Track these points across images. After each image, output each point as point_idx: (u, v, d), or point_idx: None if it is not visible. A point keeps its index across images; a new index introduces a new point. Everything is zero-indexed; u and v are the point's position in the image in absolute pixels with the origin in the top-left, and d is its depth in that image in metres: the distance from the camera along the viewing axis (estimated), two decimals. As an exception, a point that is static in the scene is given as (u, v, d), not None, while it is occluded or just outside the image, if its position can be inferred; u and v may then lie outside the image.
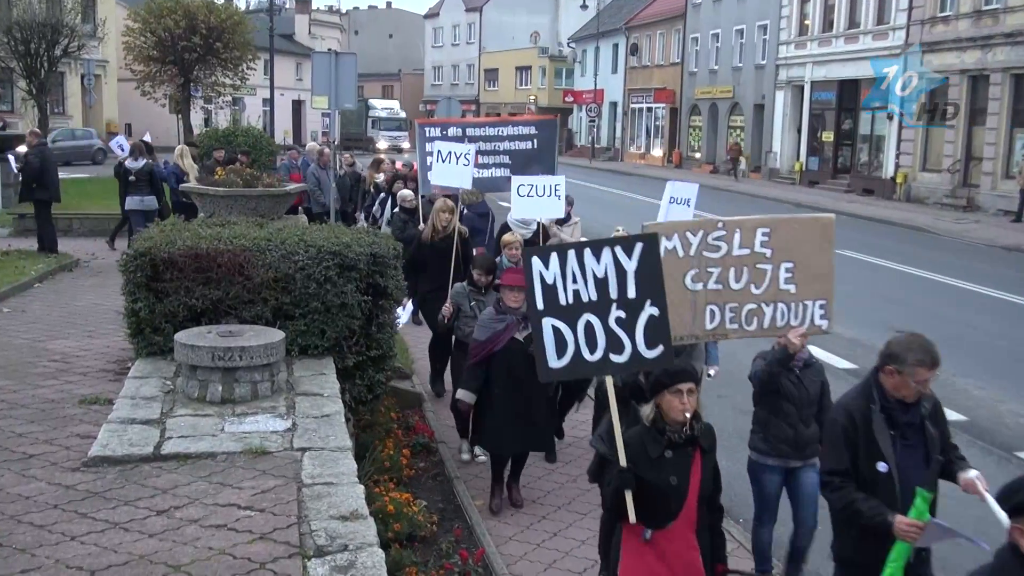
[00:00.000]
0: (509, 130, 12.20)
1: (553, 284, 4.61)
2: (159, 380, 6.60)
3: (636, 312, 4.61)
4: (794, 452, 6.11)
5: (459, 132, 12.17)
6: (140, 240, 7.33)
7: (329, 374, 6.93)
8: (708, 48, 51.09)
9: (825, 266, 5.52)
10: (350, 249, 7.33)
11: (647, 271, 4.62)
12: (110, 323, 9.74)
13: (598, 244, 4.66)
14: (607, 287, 4.61)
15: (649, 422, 4.59)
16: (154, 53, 41.10)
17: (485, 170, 11.93)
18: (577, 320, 4.61)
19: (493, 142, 12.10)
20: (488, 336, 7.25)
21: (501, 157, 12.08)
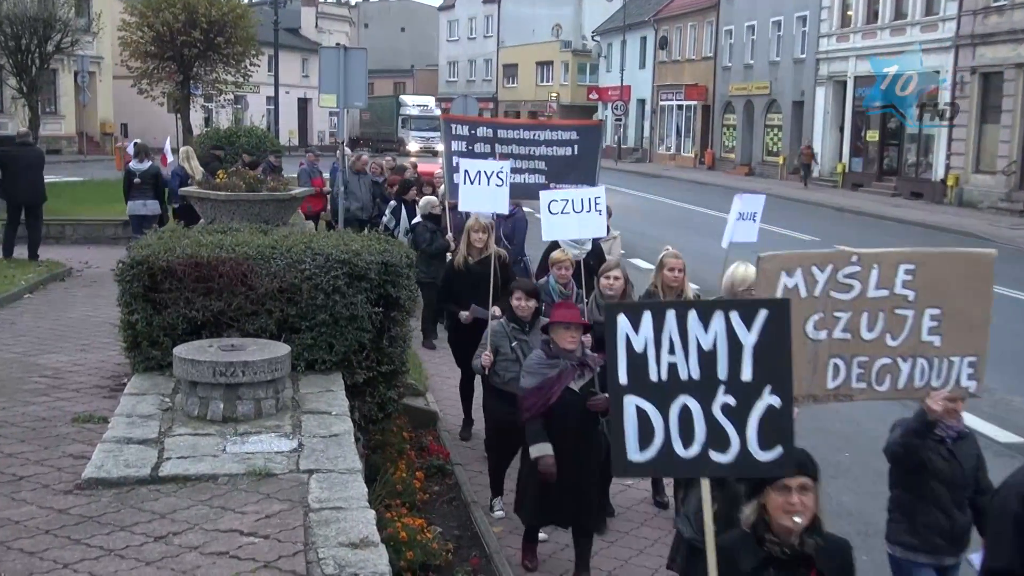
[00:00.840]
0: (547, 134, 11.69)
1: (643, 353, 3.93)
2: (157, 397, 6.63)
3: (751, 400, 3.93)
4: (949, 546, 5.33)
5: (489, 132, 11.71)
6: (137, 248, 7.37)
7: (337, 391, 6.94)
8: (743, 41, 51.03)
9: (980, 315, 4.78)
10: (360, 257, 7.35)
11: (770, 348, 3.93)
12: (105, 336, 9.79)
13: (708, 306, 3.98)
14: (715, 364, 3.93)
15: (749, 527, 3.89)
16: (152, 48, 41.40)
17: (517, 175, 11.37)
18: (671, 403, 3.95)
19: (528, 146, 11.63)
20: (540, 383, 6.51)
21: (536, 163, 11.58)
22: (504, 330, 7.66)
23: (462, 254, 9.66)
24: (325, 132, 71.51)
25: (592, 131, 12.08)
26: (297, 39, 69.33)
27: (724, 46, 53.26)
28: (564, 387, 6.46)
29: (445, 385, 11.40)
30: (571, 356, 6.51)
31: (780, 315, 3.95)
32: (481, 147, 11.58)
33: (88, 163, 43.01)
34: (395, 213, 14.77)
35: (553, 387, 6.44)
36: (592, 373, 6.53)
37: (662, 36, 60.08)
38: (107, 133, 52.02)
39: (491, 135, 11.66)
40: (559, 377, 6.46)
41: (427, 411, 10.16)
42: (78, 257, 16.73)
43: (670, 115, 59.74)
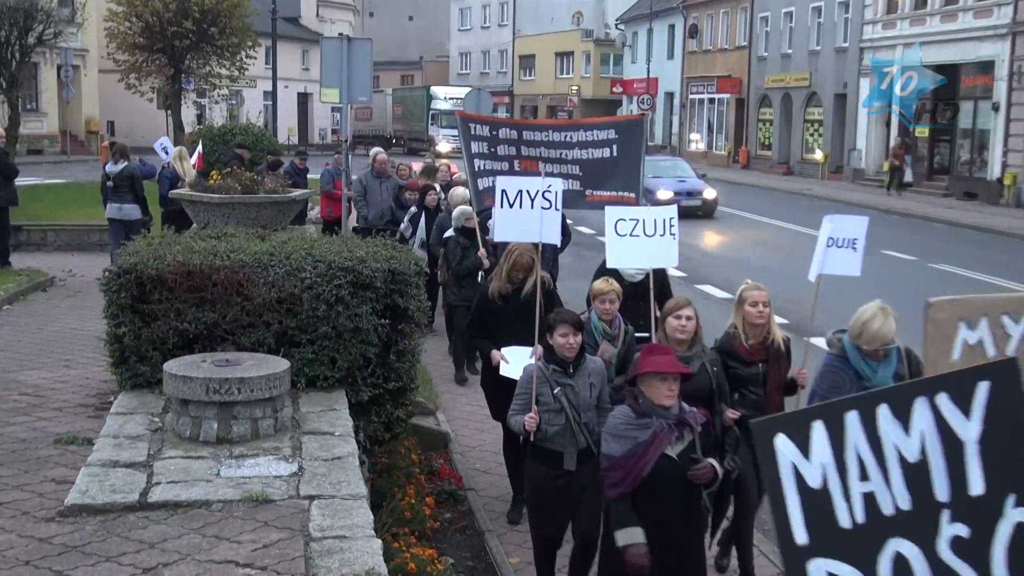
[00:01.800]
0: (581, 135, 10.95)
1: (823, 489, 3.05)
2: (145, 417, 6.65)
3: (989, 522, 3.07)
4: None
5: (513, 134, 11.00)
6: (124, 255, 7.39)
7: (341, 410, 6.95)
8: (780, 29, 50.97)
9: None
10: (365, 265, 7.37)
11: (1003, 438, 3.06)
12: (90, 351, 9.83)
13: (903, 394, 3.08)
14: (929, 480, 3.07)
15: None
16: (140, 40, 41.64)
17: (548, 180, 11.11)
18: (878, 556, 3.05)
19: (559, 149, 10.93)
20: (629, 450, 5.66)
21: (569, 167, 10.88)
22: (543, 374, 6.68)
23: (499, 281, 8.41)
24: (327, 129, 71.79)
25: (633, 128, 11.26)
26: (297, 29, 69.61)
27: (759, 34, 53.21)
28: (659, 453, 5.63)
29: (457, 403, 11.41)
30: (667, 414, 5.66)
31: (1008, 385, 3.05)
32: (504, 149, 11.03)
33: (72, 164, 43.27)
34: (413, 221, 14.44)
35: (646, 454, 5.61)
36: (693, 434, 5.72)
37: (692, 24, 60.08)
38: (92, 131, 52.30)
39: (515, 136, 11.01)
40: (653, 441, 5.62)
41: (438, 432, 10.16)
42: (61, 265, 16.83)
43: (701, 109, 59.69)
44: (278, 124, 44.24)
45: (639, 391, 5.75)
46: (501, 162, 10.94)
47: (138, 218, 16.55)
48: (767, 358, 7.10)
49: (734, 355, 7.08)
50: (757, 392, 7.05)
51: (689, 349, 6.77)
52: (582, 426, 6.54)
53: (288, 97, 62.60)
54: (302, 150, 22.20)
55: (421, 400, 10.07)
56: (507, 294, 8.36)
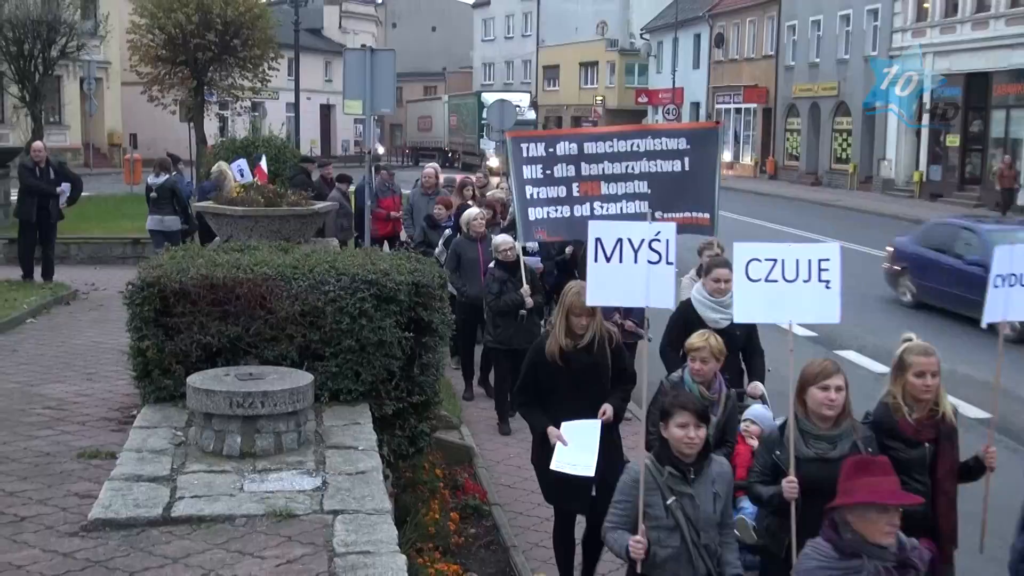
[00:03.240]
0: (649, 143, 9.95)
1: None
2: (169, 430, 6.68)
3: None
4: None
5: (573, 148, 9.97)
6: (148, 268, 7.43)
7: (364, 423, 6.96)
8: (808, 37, 50.84)
9: None
10: (389, 278, 7.38)
11: None
12: (112, 364, 9.89)
13: None
14: None
15: None
16: (163, 53, 41.89)
17: (611, 204, 9.84)
18: None
19: (624, 162, 9.91)
20: None
21: (636, 184, 9.90)
22: (654, 477, 5.31)
23: (558, 338, 6.95)
24: (349, 141, 72.03)
25: (707, 138, 10.18)
26: (319, 40, 70.03)
27: (787, 43, 53.08)
28: None
29: (481, 417, 11.41)
30: (884, 554, 4.39)
31: None
32: (562, 169, 9.97)
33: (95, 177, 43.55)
34: (448, 244, 13.40)
35: None
36: None
37: (718, 33, 60.01)
38: (115, 144, 52.74)
39: (575, 152, 9.94)
40: None
41: (462, 446, 10.16)
42: (84, 278, 16.94)
43: (727, 119, 59.56)
44: (301, 136, 44.43)
45: (842, 521, 4.44)
46: (558, 186, 9.94)
47: (178, 229, 17.00)
48: (936, 436, 5.84)
49: (895, 433, 5.80)
50: (923, 480, 5.77)
51: (836, 426, 5.57)
52: (702, 549, 5.25)
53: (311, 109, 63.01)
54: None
55: (445, 414, 10.07)
56: (569, 354, 6.88)
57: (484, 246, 12.13)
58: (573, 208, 9.92)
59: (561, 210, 9.93)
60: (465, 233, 12.48)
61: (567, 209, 9.93)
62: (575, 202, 9.93)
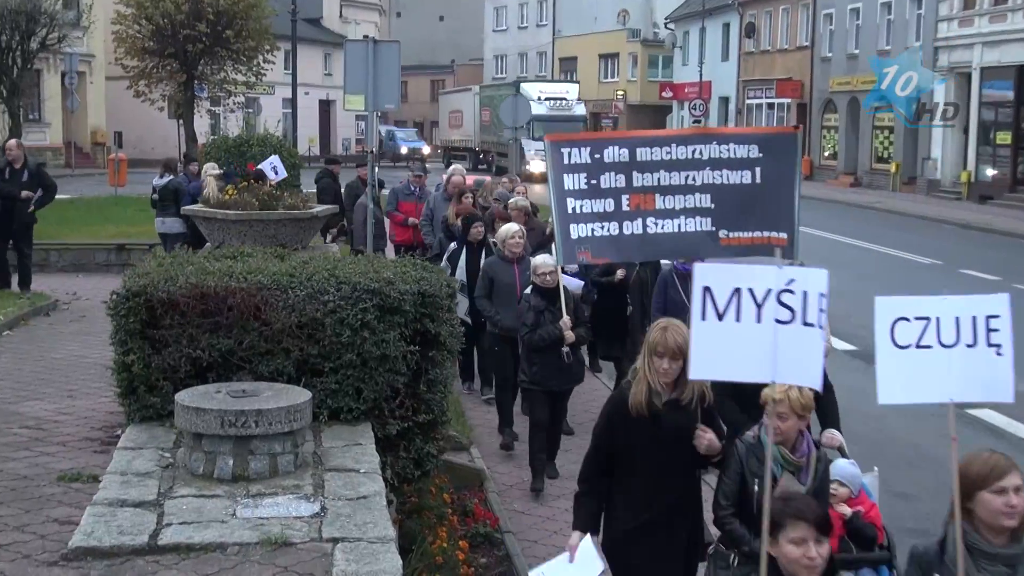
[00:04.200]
0: (714, 150, 9.13)
1: None
2: (156, 452, 6.69)
3: None
4: None
5: (623, 154, 9.11)
6: (133, 277, 7.45)
7: (366, 444, 6.96)
8: (846, 27, 50.77)
9: None
10: (393, 287, 7.38)
11: None
12: (95, 380, 9.91)
13: None
14: None
15: None
16: (150, 44, 42.16)
17: (667, 220, 9.06)
18: None
19: (684, 171, 9.09)
20: None
21: (697, 197, 9.10)
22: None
23: (644, 388, 6.00)
24: (351, 139, 72.18)
25: (784, 145, 9.41)
26: (318, 31, 70.18)
27: (823, 33, 53.00)
28: None
29: (493, 438, 11.39)
30: None
31: None
32: (610, 179, 9.12)
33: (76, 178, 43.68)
34: (452, 259, 12.83)
35: None
36: None
37: (748, 22, 59.97)
38: (98, 143, 52.93)
39: (626, 158, 9.10)
40: None
41: (472, 469, 10.15)
42: (65, 287, 16.99)
43: (759, 115, 59.48)
44: (298, 134, 44.51)
45: None
46: (604, 199, 9.09)
47: (179, 232, 17.20)
48: None
49: None
50: None
51: (1015, 541, 4.64)
52: None
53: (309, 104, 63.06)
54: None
55: (454, 434, 10.06)
56: (659, 411, 5.94)
57: (522, 268, 11.13)
58: (622, 225, 9.07)
59: (608, 227, 9.07)
60: (500, 252, 11.57)
61: (615, 226, 9.07)
62: (624, 218, 9.06)
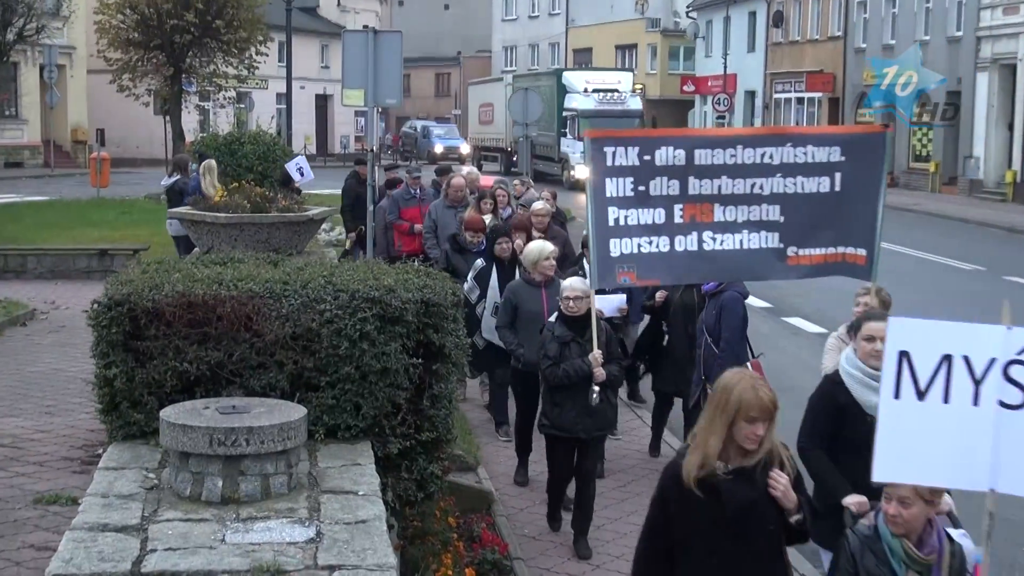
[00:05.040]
0: (788, 153, 8.45)
1: None
2: (139, 472, 6.69)
3: None
4: None
5: (679, 156, 8.38)
6: (116, 285, 7.46)
7: (366, 464, 6.95)
8: (881, 16, 50.75)
9: None
10: (394, 295, 7.37)
11: None
12: (75, 395, 9.93)
13: None
14: None
15: None
16: (135, 36, 42.19)
17: (726, 235, 8.45)
18: None
19: (750, 178, 8.44)
20: None
21: (764, 209, 8.46)
22: None
23: (701, 456, 5.23)
24: (349, 137, 72.30)
25: (870, 147, 8.62)
26: (315, 21, 70.37)
27: (856, 22, 53.00)
28: None
29: (501, 457, 11.39)
30: None
31: None
32: (662, 186, 8.43)
33: (56, 179, 43.94)
34: (481, 278, 12.10)
35: None
36: None
37: (776, 11, 59.97)
38: (79, 141, 53.07)
39: (682, 161, 8.39)
40: None
41: (479, 490, 10.14)
42: (43, 295, 17.03)
43: (788, 110, 59.46)
44: (293, 131, 44.62)
45: None
46: (654, 209, 8.42)
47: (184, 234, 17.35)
48: None
49: None
50: None
51: None
52: None
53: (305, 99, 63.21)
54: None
55: (460, 453, 10.05)
56: (724, 481, 5.19)
57: (551, 294, 10.40)
58: (674, 240, 8.40)
59: (658, 242, 8.38)
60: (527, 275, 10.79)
61: (666, 241, 8.38)
62: (677, 231, 8.40)
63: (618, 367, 9.37)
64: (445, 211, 15.07)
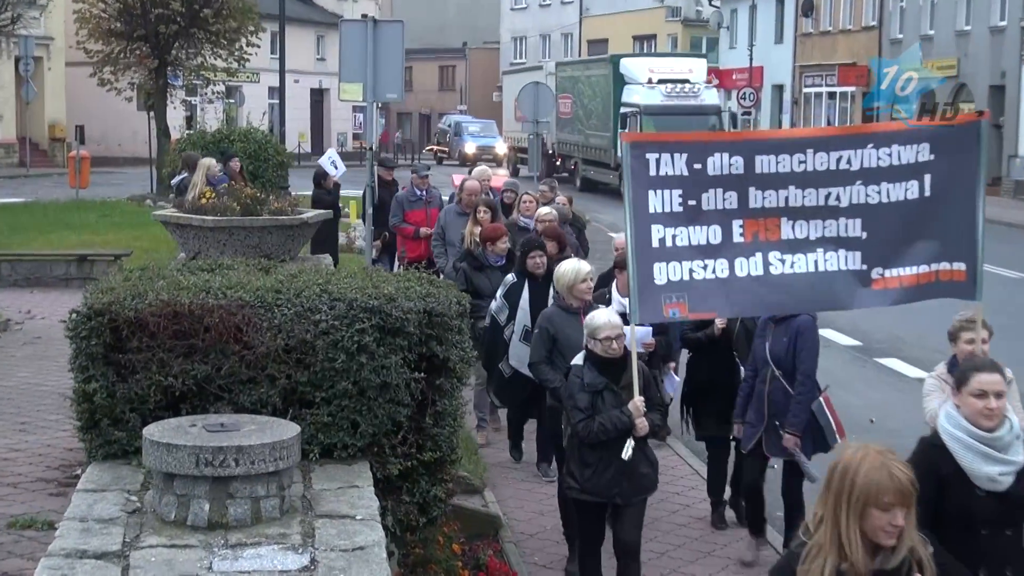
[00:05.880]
0: (869, 156, 7.91)
1: None
2: (120, 494, 6.69)
3: None
4: None
5: (736, 165, 7.72)
6: (96, 293, 7.46)
7: (364, 487, 6.95)
8: (919, 4, 50.73)
9: None
10: (395, 304, 7.37)
11: None
12: (52, 411, 9.94)
13: None
14: None
15: None
16: (117, 26, 42.25)
17: (797, 256, 7.74)
18: None
19: (824, 186, 7.77)
20: None
21: (841, 224, 7.77)
22: None
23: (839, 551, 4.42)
24: (347, 134, 72.39)
25: (963, 140, 8.23)
26: (311, 10, 70.51)
27: (892, 11, 52.97)
28: None
29: (509, 479, 11.38)
30: None
31: None
32: (717, 199, 7.75)
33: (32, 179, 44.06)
34: (511, 296, 11.06)
35: None
36: None
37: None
38: (57, 138, 53.18)
39: (740, 169, 7.73)
40: None
41: (485, 515, 10.13)
42: (17, 304, 17.04)
43: (818, 106, 59.46)
44: (286, 128, 44.66)
45: None
46: (708, 227, 7.74)
47: None
48: None
49: None
50: None
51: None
52: None
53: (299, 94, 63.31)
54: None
55: (464, 475, 10.04)
56: None
57: None
58: (734, 263, 7.72)
59: (714, 266, 7.70)
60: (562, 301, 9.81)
61: (724, 264, 7.71)
62: (737, 252, 7.73)
63: (660, 415, 8.46)
64: (456, 217, 14.63)
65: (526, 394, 10.64)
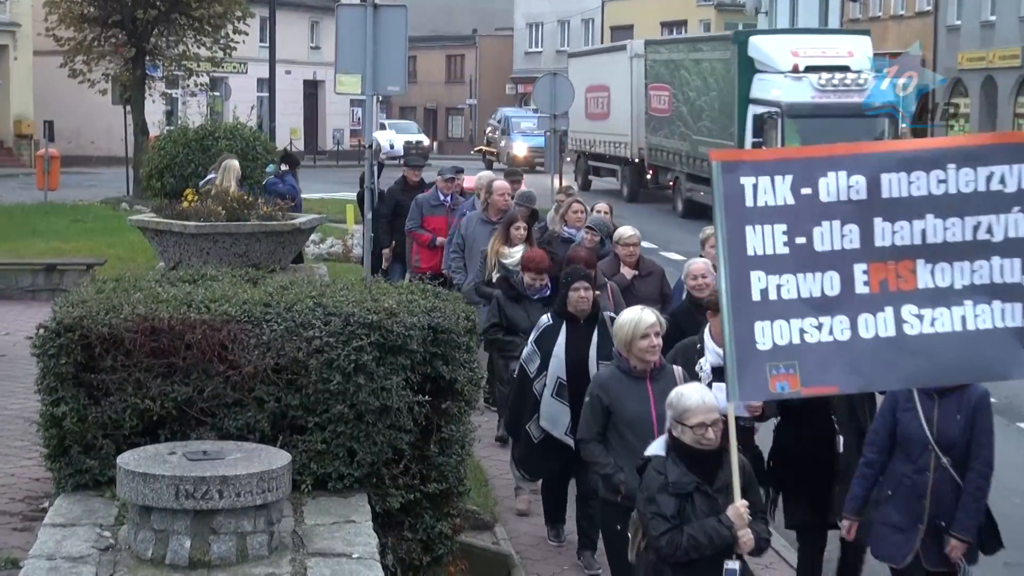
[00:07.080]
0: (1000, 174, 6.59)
1: None
2: (92, 529, 6.70)
3: None
4: None
5: (858, 187, 6.60)
6: (66, 307, 7.48)
7: (361, 522, 6.95)
8: (979, -13, 50.64)
9: None
10: (396, 320, 7.38)
11: None
12: (16, 437, 9.96)
13: None
14: None
15: None
16: (90, 11, 42.36)
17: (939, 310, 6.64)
18: None
19: (971, 214, 6.63)
20: None
21: (996, 265, 6.66)
22: None
23: None
24: (343, 131, 72.39)
25: None
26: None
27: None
28: None
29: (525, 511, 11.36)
30: None
31: None
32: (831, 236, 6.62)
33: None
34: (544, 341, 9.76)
35: None
36: None
37: (854, -19, 59.85)
38: (23, 135, 53.31)
39: (862, 194, 6.63)
40: None
41: (496, 553, 10.12)
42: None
43: (866, 100, 59.32)
44: (276, 123, 44.79)
45: None
46: (822, 274, 6.63)
47: None
48: None
49: None
50: None
51: None
52: None
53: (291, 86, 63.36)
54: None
55: (473, 508, 10.04)
56: None
57: (660, 388, 8.07)
58: (856, 321, 6.63)
59: (831, 326, 6.61)
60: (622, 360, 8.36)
61: (844, 323, 6.61)
62: (861, 307, 6.65)
63: (764, 524, 7.11)
64: (480, 226, 13.66)
65: (560, 464, 9.80)
